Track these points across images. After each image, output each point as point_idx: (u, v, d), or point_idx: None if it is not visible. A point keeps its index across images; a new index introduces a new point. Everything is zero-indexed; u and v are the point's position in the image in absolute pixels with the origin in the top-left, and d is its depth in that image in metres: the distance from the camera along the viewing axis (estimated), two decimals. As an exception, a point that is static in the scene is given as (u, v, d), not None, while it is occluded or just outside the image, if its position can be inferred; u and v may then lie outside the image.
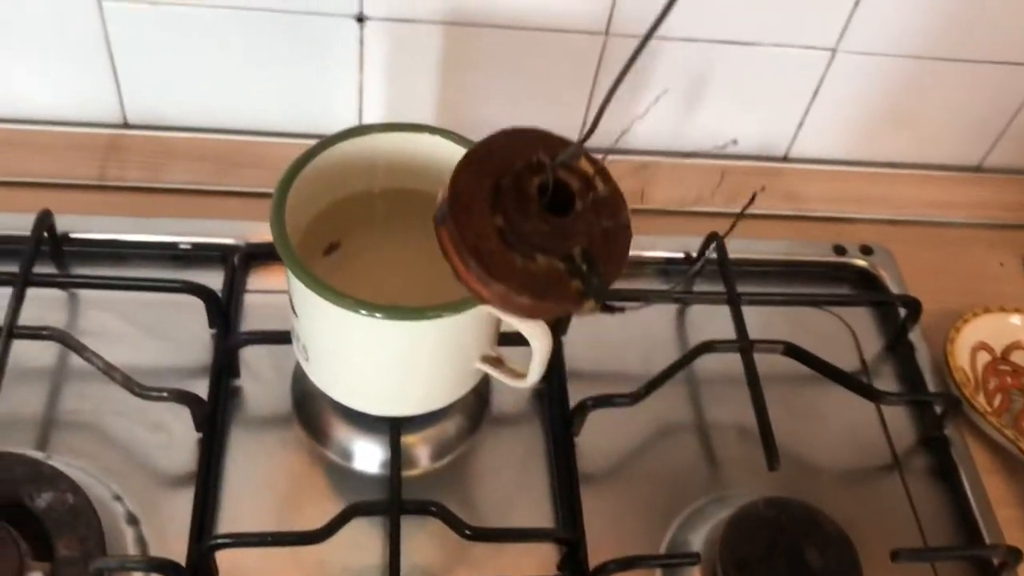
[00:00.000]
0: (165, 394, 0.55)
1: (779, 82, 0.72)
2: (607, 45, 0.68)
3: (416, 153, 0.54)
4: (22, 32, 0.65)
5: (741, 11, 0.67)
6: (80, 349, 0.55)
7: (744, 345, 0.61)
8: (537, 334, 0.49)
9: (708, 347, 0.62)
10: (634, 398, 0.59)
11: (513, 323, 0.49)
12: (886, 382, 0.68)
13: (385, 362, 0.51)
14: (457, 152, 0.50)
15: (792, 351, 0.63)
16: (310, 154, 0.52)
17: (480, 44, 0.67)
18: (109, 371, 0.54)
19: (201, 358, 0.62)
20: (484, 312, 0.48)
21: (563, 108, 0.73)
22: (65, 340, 0.55)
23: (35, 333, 0.56)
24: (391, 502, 0.52)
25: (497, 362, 0.54)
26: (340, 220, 0.56)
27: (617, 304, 0.31)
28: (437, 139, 0.53)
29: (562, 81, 0.71)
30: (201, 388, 0.59)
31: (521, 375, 0.53)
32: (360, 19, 0.65)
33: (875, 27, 0.68)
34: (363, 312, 0.46)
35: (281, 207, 0.49)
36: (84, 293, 0.63)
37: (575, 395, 0.62)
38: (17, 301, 0.56)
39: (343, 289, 0.47)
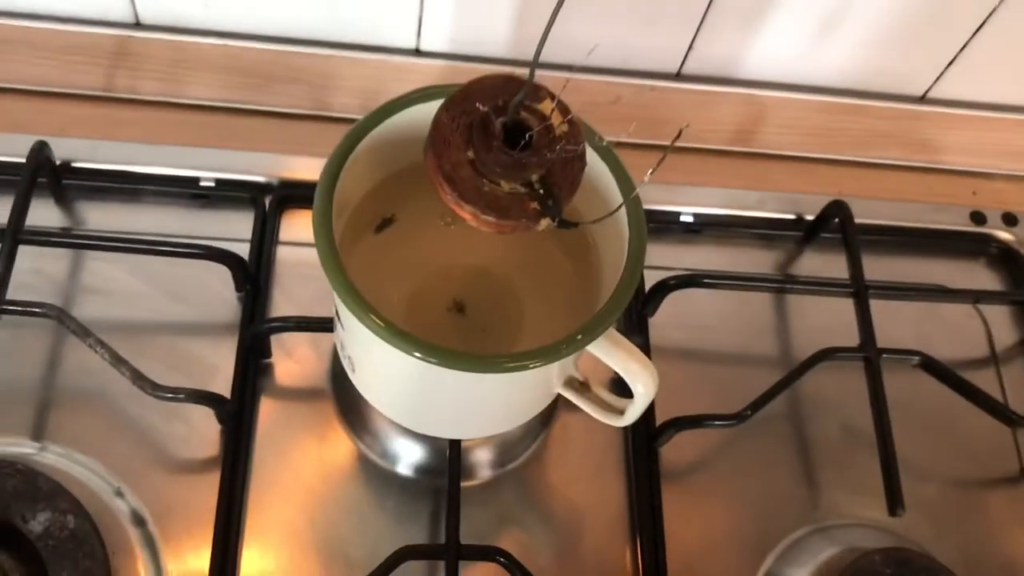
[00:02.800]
0: (182, 396, 0.46)
1: (937, 12, 0.58)
2: (732, -42, 0.55)
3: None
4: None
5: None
6: (82, 334, 0.45)
7: (871, 355, 0.51)
8: (642, 378, 0.39)
9: (827, 354, 0.52)
10: (739, 418, 0.49)
11: (614, 365, 0.39)
12: (1019, 382, 0.58)
13: (447, 400, 0.42)
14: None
15: (928, 365, 0.52)
16: (366, 126, 0.40)
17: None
18: (117, 364, 0.45)
19: (227, 317, 0.52)
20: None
21: (662, 27, 0.60)
22: (62, 319, 0.46)
23: (26, 309, 0.46)
24: (448, 547, 0.44)
25: (583, 387, 0.44)
26: (397, 191, 0.45)
27: (572, 220, 0.37)
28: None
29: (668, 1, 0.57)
30: (227, 357, 0.50)
31: (613, 409, 0.43)
32: (428, -86, 0.51)
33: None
34: (418, 356, 0.36)
35: (327, 203, 0.38)
36: (89, 241, 0.54)
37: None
38: (6, 264, 0.47)
39: (395, 271, 0.42)
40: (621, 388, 0.42)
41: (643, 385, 0.39)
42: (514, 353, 0.36)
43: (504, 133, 0.35)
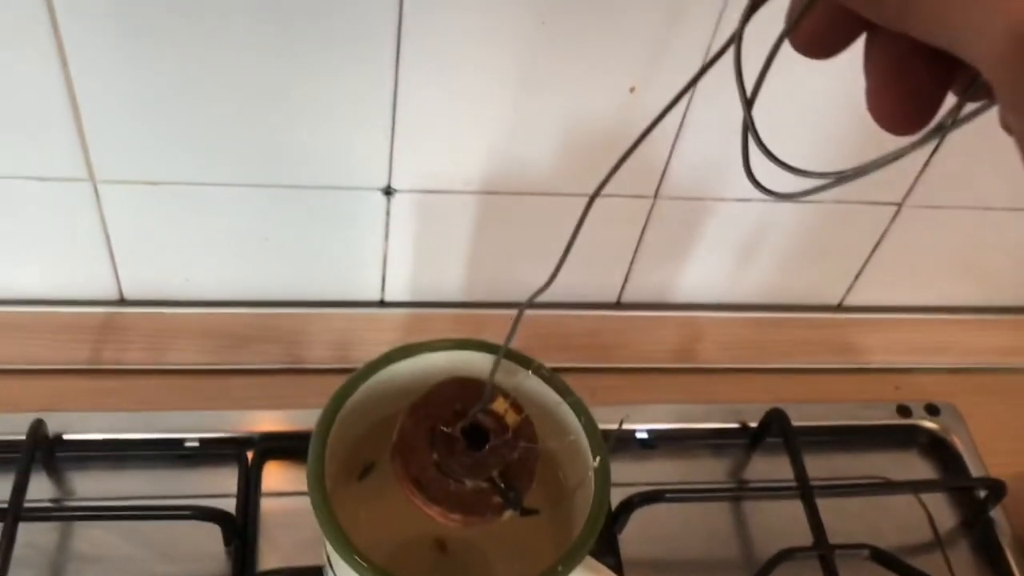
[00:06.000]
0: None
1: (838, 236, 0.67)
2: (655, 207, 0.62)
3: (466, 368, 0.48)
4: (5, 206, 0.58)
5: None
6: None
7: (825, 552, 0.55)
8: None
9: (787, 555, 0.55)
10: (711, 628, 0.52)
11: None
12: (964, 562, 0.62)
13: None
14: (513, 368, 0.45)
15: (879, 556, 0.56)
16: (348, 389, 0.45)
17: (513, 211, 0.61)
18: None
19: (218, 571, 0.54)
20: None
21: (599, 265, 0.67)
22: (63, 596, 0.48)
23: (28, 586, 0.49)
24: None
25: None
26: (376, 439, 0.49)
27: (533, 508, 0.41)
28: (492, 357, 0.47)
29: (602, 244, 0.65)
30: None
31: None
32: (388, 192, 0.58)
33: (943, 183, 0.63)
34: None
35: (319, 463, 0.42)
36: (82, 508, 0.56)
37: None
38: (7, 547, 0.49)
39: (380, 514, 0.44)
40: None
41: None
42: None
43: (464, 435, 0.40)
